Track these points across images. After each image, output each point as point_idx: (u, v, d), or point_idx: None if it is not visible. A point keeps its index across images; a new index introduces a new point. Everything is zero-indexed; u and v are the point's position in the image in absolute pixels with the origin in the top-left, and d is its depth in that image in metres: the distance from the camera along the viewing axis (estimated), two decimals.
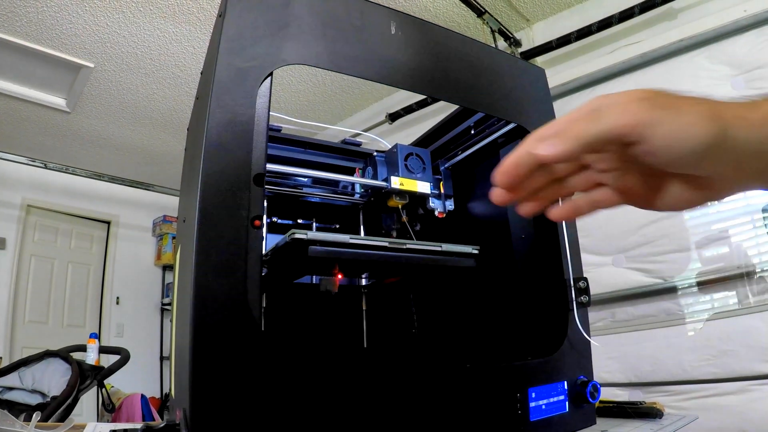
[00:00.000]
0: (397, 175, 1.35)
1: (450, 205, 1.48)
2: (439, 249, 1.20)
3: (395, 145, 1.40)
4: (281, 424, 0.73)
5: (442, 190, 1.48)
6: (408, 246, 1.15)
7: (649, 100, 0.44)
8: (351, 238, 1.07)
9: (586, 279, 1.13)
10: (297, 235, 0.99)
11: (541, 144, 0.45)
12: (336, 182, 1.53)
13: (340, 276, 1.43)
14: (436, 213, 1.45)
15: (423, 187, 1.37)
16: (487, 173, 1.40)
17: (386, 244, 1.12)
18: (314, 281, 1.56)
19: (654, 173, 0.48)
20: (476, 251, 1.26)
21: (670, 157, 0.43)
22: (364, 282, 1.64)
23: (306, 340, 1.53)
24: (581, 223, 1.20)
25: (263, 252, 0.80)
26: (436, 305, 1.56)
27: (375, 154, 1.49)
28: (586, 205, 0.54)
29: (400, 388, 0.85)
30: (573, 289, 1.12)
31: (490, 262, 1.36)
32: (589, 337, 1.11)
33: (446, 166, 1.52)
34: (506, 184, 0.50)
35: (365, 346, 1.57)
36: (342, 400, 0.79)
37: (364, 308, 1.60)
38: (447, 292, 1.52)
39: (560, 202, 0.55)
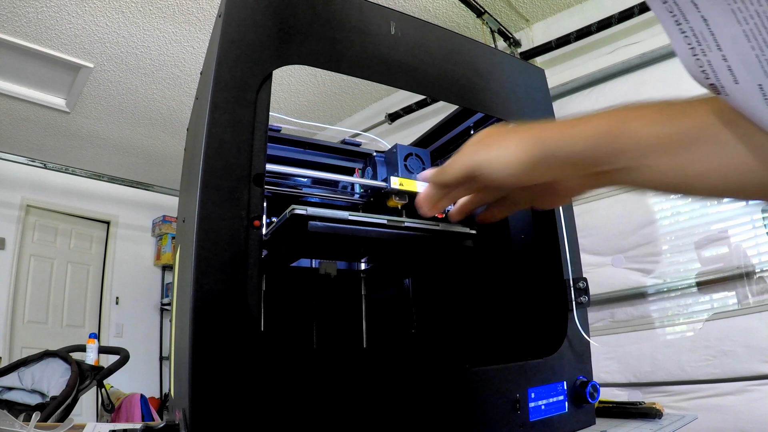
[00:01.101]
0: (397, 176, 1.35)
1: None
2: (437, 228, 1.21)
3: (395, 146, 1.40)
4: (281, 425, 0.73)
5: None
6: (406, 224, 1.16)
7: (480, 143, 0.61)
8: (350, 215, 1.09)
9: (585, 279, 1.13)
10: (297, 211, 1.01)
11: (425, 177, 0.74)
12: (335, 182, 1.53)
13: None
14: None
15: (422, 187, 1.37)
16: None
17: (385, 221, 1.13)
18: (313, 265, 1.56)
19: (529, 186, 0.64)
20: (474, 232, 1.27)
21: (502, 180, 0.59)
22: (363, 266, 1.64)
23: (304, 327, 1.53)
24: (581, 223, 1.20)
25: (263, 232, 0.81)
26: (434, 303, 1.56)
27: (374, 154, 1.49)
28: (497, 211, 0.75)
29: (398, 388, 0.85)
30: (572, 289, 1.12)
31: (490, 262, 1.36)
32: (589, 337, 1.11)
33: None
34: (427, 207, 0.75)
35: (364, 333, 1.57)
36: (341, 400, 0.79)
37: (363, 293, 1.60)
38: (446, 289, 1.52)
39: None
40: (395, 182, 1.32)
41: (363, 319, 1.58)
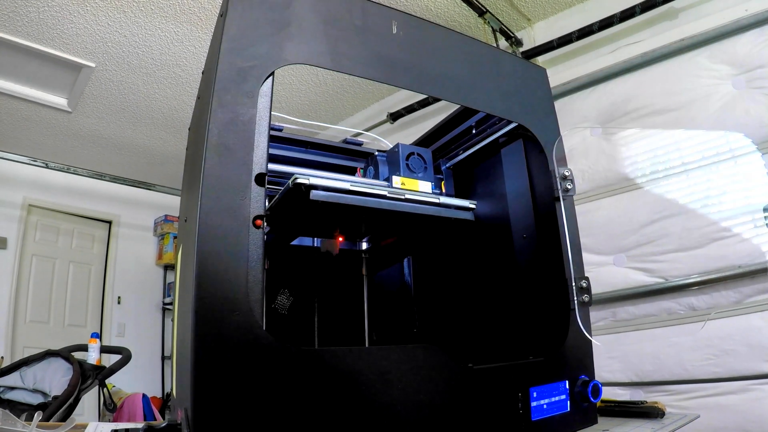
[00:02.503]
0: (399, 175, 1.34)
1: None
2: (436, 201, 1.22)
3: (397, 145, 1.39)
4: (283, 424, 0.73)
5: (444, 190, 1.47)
6: (407, 196, 1.17)
7: None
8: (352, 185, 1.09)
9: (587, 278, 1.13)
10: (299, 179, 1.02)
11: None
12: None
13: (340, 239, 1.43)
14: None
15: (424, 186, 1.36)
16: (488, 173, 1.40)
17: (386, 192, 1.14)
18: (315, 244, 1.56)
19: None
20: (473, 205, 1.27)
21: None
22: (364, 246, 1.63)
23: (306, 310, 1.52)
24: (583, 223, 1.20)
25: (265, 206, 0.81)
26: (437, 302, 1.56)
27: (376, 153, 1.49)
28: None
29: (402, 386, 0.85)
30: (574, 288, 1.12)
31: (493, 262, 1.36)
32: (591, 336, 1.11)
33: (447, 165, 1.52)
34: None
35: (366, 318, 1.56)
36: (344, 398, 0.79)
37: (364, 273, 1.59)
38: (448, 288, 1.51)
39: None
40: (397, 181, 1.32)
41: (364, 302, 1.57)
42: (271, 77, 0.87)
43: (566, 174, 1.18)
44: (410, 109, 3.72)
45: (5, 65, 3.48)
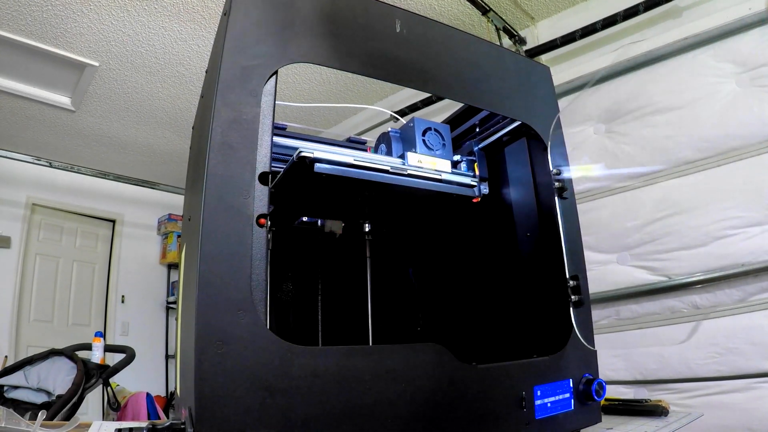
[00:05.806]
0: (414, 152, 1.23)
1: (485, 188, 1.35)
2: (439, 177, 1.21)
3: (412, 119, 1.29)
4: (286, 423, 0.73)
5: (477, 172, 1.35)
6: (410, 171, 1.16)
7: None
8: (355, 159, 1.09)
9: (577, 277, 1.12)
10: (303, 153, 1.02)
11: None
12: None
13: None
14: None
15: (442, 164, 1.25)
16: (490, 172, 1.40)
17: (389, 167, 1.14)
18: (319, 224, 1.55)
19: None
20: (474, 182, 1.26)
21: None
22: (367, 227, 1.60)
23: (308, 295, 1.52)
24: (585, 221, 1.20)
25: (269, 185, 0.80)
26: (441, 301, 1.56)
27: (390, 130, 1.40)
28: None
29: (407, 384, 0.85)
30: (570, 287, 1.12)
31: (497, 260, 1.36)
32: (594, 336, 1.11)
33: (480, 146, 1.41)
34: None
35: (369, 310, 1.55)
36: (347, 397, 0.79)
37: (367, 255, 1.57)
38: (453, 287, 1.51)
39: None
40: (413, 159, 1.22)
41: (368, 287, 1.55)
42: (274, 76, 0.87)
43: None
44: (414, 108, 3.72)
45: (9, 64, 3.49)
